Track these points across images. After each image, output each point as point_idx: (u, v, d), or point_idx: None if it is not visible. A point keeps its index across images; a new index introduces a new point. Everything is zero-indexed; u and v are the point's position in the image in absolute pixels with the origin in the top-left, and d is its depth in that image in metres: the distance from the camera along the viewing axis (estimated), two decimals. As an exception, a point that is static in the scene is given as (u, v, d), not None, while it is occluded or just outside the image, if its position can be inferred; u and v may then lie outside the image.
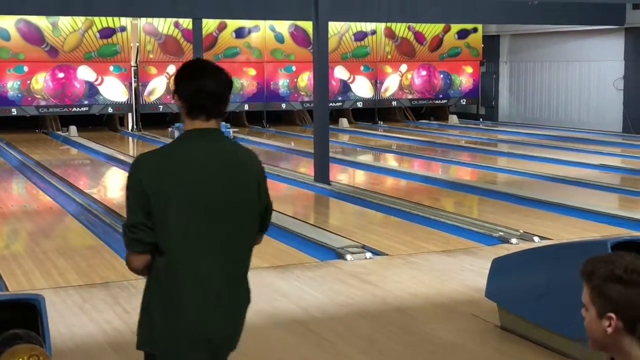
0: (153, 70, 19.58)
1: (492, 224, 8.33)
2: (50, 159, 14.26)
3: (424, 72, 22.19)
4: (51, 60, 18.75)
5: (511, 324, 5.20)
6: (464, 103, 22.63)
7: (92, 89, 19.10)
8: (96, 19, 18.65)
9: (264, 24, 20.20)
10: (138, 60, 19.45)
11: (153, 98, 19.57)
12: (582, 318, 2.04)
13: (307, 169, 12.25)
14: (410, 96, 22.12)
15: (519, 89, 21.88)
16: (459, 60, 22.43)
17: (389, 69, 21.89)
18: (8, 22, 18.27)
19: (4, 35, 18.36)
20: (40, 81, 18.70)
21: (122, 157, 14.28)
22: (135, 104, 19.48)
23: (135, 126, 19.52)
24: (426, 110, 22.66)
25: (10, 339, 3.54)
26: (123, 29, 19.30)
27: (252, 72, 20.46)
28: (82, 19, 18.54)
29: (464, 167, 13.48)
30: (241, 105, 20.29)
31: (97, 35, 19.10)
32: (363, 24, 20.90)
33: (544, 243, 7.50)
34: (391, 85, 21.92)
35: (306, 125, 20.20)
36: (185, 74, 2.77)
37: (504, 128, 20.16)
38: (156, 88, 19.55)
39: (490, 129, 20.43)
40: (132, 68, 19.48)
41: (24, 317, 3.81)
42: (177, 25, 19.46)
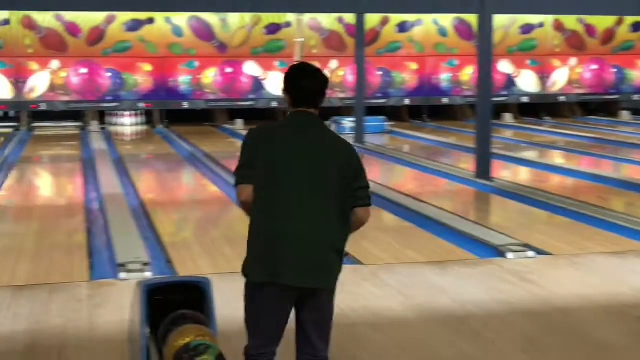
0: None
1: (667, 226, 7.90)
2: (217, 151, 14.82)
3: (595, 66, 21.39)
4: (220, 56, 19.52)
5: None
6: (638, 99, 21.64)
7: (257, 84, 19.73)
8: (262, 15, 19.22)
9: (428, 18, 20.12)
10: (302, 55, 19.85)
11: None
12: None
13: (467, 164, 12.07)
14: (579, 91, 21.38)
15: (698, 83, 20.62)
16: (632, 54, 21.47)
17: (557, 62, 21.25)
18: (181, 18, 19.18)
19: (177, 31, 19.29)
20: (210, 76, 19.51)
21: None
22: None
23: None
24: (596, 105, 21.85)
25: (179, 319, 3.74)
26: (288, 24, 19.79)
27: (414, 66, 20.43)
28: (250, 15, 19.15)
29: (637, 166, 12.82)
30: (401, 99, 20.31)
31: (264, 31, 19.70)
32: (530, 16, 20.39)
33: None
34: (559, 79, 21.28)
35: (468, 120, 19.91)
36: (289, 76, 3.49)
37: (681, 125, 19.07)
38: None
39: (665, 126, 19.36)
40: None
41: (192, 300, 4.00)
42: (340, 20, 19.72)
